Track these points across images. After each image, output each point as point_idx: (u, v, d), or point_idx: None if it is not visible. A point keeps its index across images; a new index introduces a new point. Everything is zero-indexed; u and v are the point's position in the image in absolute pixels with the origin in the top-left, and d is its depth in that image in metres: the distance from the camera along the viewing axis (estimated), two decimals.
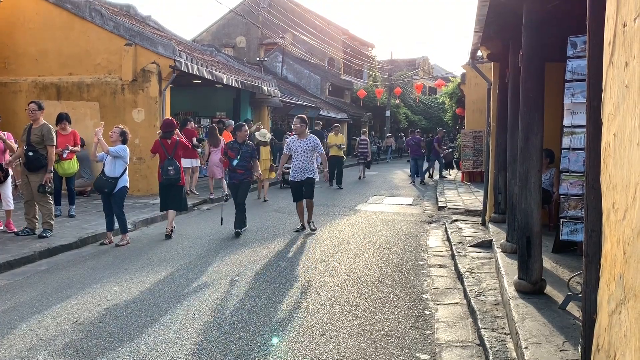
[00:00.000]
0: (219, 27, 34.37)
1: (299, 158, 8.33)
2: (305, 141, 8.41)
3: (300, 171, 8.34)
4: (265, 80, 17.72)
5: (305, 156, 8.31)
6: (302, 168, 8.32)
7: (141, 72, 11.72)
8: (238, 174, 8.24)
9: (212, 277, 5.81)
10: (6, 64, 12.38)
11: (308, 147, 8.36)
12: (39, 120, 7.45)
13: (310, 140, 8.45)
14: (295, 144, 8.42)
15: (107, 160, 7.36)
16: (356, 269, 6.24)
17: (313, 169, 8.41)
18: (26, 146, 7.33)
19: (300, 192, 8.43)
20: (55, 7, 12.12)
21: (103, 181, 7.31)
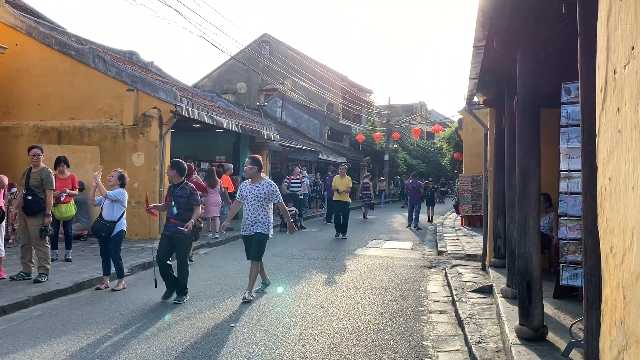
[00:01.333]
0: (220, 73, 35.06)
1: (249, 207, 6.93)
2: (257, 187, 6.97)
3: (249, 223, 6.91)
4: (264, 125, 17.93)
5: (256, 205, 6.90)
6: (251, 220, 6.89)
7: (142, 116, 11.87)
8: (171, 225, 6.68)
9: (209, 323, 5.72)
10: (8, 109, 12.55)
11: (260, 195, 6.91)
12: (38, 164, 7.48)
13: (264, 185, 6.98)
14: (247, 189, 7.04)
15: (105, 204, 7.33)
16: (355, 315, 6.14)
17: (265, 222, 6.93)
18: (25, 190, 7.34)
19: (249, 249, 7.01)
20: (59, 53, 12.39)
21: (101, 225, 7.26)
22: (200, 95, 18.05)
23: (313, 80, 29.00)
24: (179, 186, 6.73)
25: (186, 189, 6.71)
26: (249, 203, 6.92)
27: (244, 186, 7.09)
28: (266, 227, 6.93)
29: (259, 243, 6.91)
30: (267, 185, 6.99)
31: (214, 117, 13.58)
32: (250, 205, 6.91)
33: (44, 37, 12.52)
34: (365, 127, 34.84)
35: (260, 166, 7.04)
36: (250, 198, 6.91)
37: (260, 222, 6.89)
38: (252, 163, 7.02)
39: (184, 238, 6.62)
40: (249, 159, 7.08)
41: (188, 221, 6.52)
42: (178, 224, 6.55)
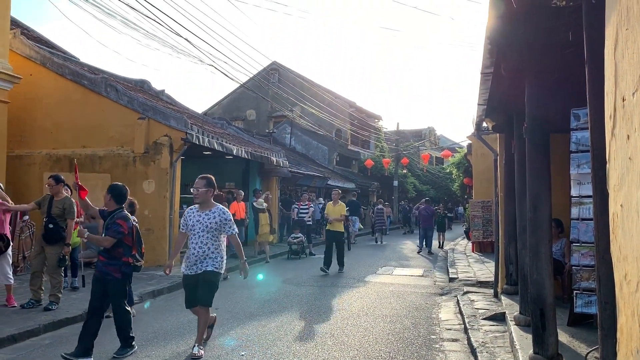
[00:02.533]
0: (230, 100, 35.47)
1: (196, 239, 5.50)
2: (207, 215, 5.54)
3: (195, 259, 5.48)
4: (274, 151, 18.04)
5: (204, 237, 5.48)
6: (198, 255, 5.46)
7: (153, 144, 11.99)
8: (100, 263, 5.48)
9: (218, 351, 5.67)
10: (21, 138, 12.73)
11: (210, 224, 5.50)
12: (60, 193, 7.50)
13: (216, 214, 5.56)
14: (193, 217, 5.60)
15: None
16: (366, 344, 6.07)
17: (216, 258, 5.53)
18: (47, 218, 7.33)
19: (194, 292, 5.48)
20: (72, 83, 12.62)
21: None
22: (210, 122, 18.25)
23: (321, 107, 29.25)
24: (111, 215, 5.47)
25: (114, 218, 5.41)
26: (196, 235, 5.48)
27: (189, 214, 5.61)
28: (218, 264, 5.51)
29: (209, 285, 5.45)
30: (219, 212, 5.55)
31: (223, 144, 13.70)
32: (198, 237, 5.46)
33: (58, 67, 12.78)
34: (374, 153, 34.93)
35: (214, 188, 5.66)
36: (198, 229, 5.48)
37: (211, 258, 5.48)
38: (207, 185, 5.53)
39: (114, 281, 5.36)
40: (201, 179, 5.53)
41: (118, 260, 5.36)
42: (107, 262, 5.37)
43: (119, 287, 5.45)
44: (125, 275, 5.48)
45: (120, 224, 5.37)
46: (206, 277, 5.44)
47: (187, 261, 5.54)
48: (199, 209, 5.62)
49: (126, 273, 5.48)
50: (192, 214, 5.61)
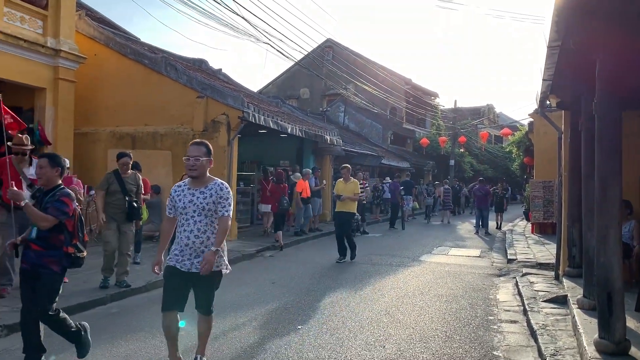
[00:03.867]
0: (284, 79, 35.61)
1: (188, 225, 4.08)
2: (202, 193, 4.10)
3: (189, 252, 4.06)
4: (327, 130, 18.04)
5: (201, 223, 4.07)
6: (193, 247, 4.05)
7: (211, 122, 12.25)
8: (30, 253, 4.25)
9: (275, 325, 5.80)
10: (87, 116, 13.27)
11: (208, 205, 4.07)
12: (128, 169, 7.54)
13: (213, 190, 4.11)
14: (184, 196, 4.14)
15: None
16: (422, 323, 6.05)
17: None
18: (127, 196, 7.29)
19: (178, 293, 4.11)
20: (134, 62, 13.00)
21: None
22: (265, 101, 18.42)
23: (376, 84, 28.89)
24: (50, 193, 4.33)
25: (56, 195, 4.28)
26: (189, 220, 4.06)
27: (178, 193, 4.17)
28: (220, 259, 4.10)
29: (211, 289, 4.20)
30: (216, 188, 4.09)
31: (278, 122, 13.81)
32: (192, 223, 4.05)
33: (120, 47, 13.19)
34: (430, 131, 34.29)
35: (210, 153, 4.17)
36: (191, 211, 4.06)
37: (208, 248, 4.03)
38: (208, 153, 4.14)
39: (49, 275, 4.21)
40: (198, 146, 4.16)
41: (58, 249, 4.24)
42: (42, 253, 4.21)
43: (54, 284, 4.22)
44: (64, 271, 4.32)
45: (66, 202, 4.23)
46: (207, 279, 4.00)
47: (176, 253, 4.05)
48: (190, 185, 4.13)
49: (65, 268, 4.31)
50: (182, 193, 4.11)
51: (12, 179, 5.76)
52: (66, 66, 11.47)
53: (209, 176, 4.20)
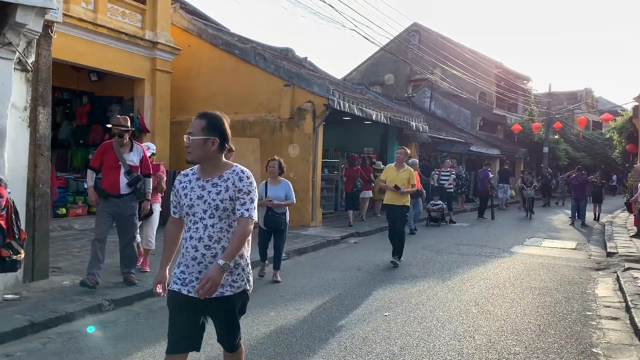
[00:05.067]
0: (368, 65, 35.35)
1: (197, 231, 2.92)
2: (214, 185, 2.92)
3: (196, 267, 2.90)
4: (413, 116, 17.73)
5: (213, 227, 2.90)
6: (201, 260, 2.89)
7: (297, 110, 12.44)
8: None
9: (362, 311, 5.83)
10: (181, 105, 13.92)
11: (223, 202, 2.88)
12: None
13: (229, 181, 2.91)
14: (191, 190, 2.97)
15: (273, 197, 7.09)
16: (514, 315, 5.83)
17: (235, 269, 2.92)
18: None
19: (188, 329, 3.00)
20: (225, 53, 13.44)
21: (276, 218, 7.13)
22: (350, 88, 18.40)
23: (464, 68, 27.96)
24: None
25: None
26: (197, 223, 2.91)
27: (183, 184, 3.01)
28: (241, 280, 2.96)
29: (233, 320, 3.06)
30: (234, 177, 2.92)
31: (363, 109, 13.76)
32: (201, 228, 2.90)
33: (212, 38, 13.67)
34: (522, 117, 32.70)
35: (225, 138, 2.93)
36: (200, 211, 2.91)
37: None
38: (209, 129, 2.89)
39: None
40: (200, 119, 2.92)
41: None
42: None
43: None
44: None
45: None
46: (225, 306, 2.91)
47: (182, 271, 2.92)
48: (199, 174, 2.95)
49: None
50: (189, 185, 2.95)
51: (111, 165, 6.12)
52: (163, 58, 12.08)
53: (225, 161, 2.95)
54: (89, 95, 12.71)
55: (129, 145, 6.34)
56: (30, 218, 5.98)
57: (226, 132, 2.93)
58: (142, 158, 6.35)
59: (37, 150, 6.12)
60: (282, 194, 7.15)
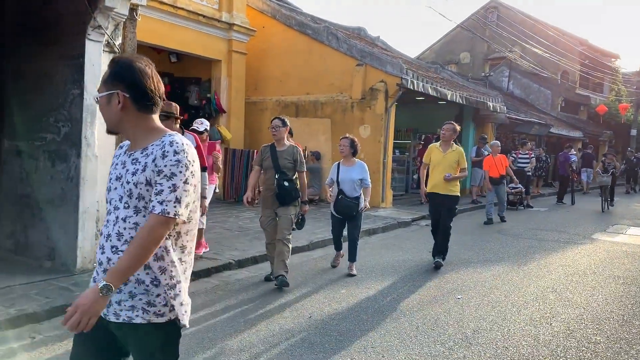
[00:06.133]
0: (443, 44, 34.37)
1: (107, 222, 2.05)
2: (134, 159, 2.00)
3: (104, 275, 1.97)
4: (490, 96, 17.11)
5: (123, 220, 1.98)
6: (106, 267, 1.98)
7: (369, 90, 12.34)
8: None
9: (434, 292, 5.78)
10: (256, 86, 14.20)
11: (135, 183, 1.96)
12: (282, 140, 5.88)
13: (153, 154, 1.95)
14: (114, 168, 2.09)
15: (345, 180, 6.46)
16: (594, 303, 5.58)
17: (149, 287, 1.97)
18: (277, 174, 5.76)
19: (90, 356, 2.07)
20: (298, 33, 13.52)
21: (347, 202, 6.40)
22: (423, 67, 18.00)
23: (546, 46, 26.58)
24: None
25: None
26: (111, 211, 2.05)
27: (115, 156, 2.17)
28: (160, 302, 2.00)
29: (143, 354, 2.08)
30: (158, 153, 1.95)
31: (438, 88, 13.44)
32: (113, 217, 2.02)
33: (286, 19, 13.78)
34: (608, 98, 30.73)
35: (143, 94, 2.00)
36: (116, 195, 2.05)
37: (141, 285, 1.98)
38: (114, 79, 2.00)
39: None
40: (107, 68, 2.06)
41: None
42: None
43: None
44: None
45: None
46: (136, 344, 2.06)
47: (94, 276, 2.09)
48: (129, 146, 2.13)
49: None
50: (117, 160, 2.14)
51: None
52: (238, 39, 12.35)
53: (158, 128, 2.07)
54: (169, 77, 13.23)
55: (178, 132, 5.78)
56: None
57: (140, 82, 1.98)
58: (196, 148, 5.23)
59: None
60: (355, 177, 6.39)
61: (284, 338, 4.25)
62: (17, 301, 4.57)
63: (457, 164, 7.01)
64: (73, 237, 5.55)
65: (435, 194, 7.05)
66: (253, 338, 4.22)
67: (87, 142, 5.60)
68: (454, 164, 6.98)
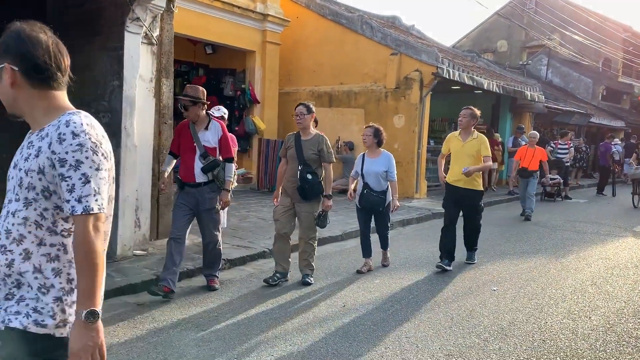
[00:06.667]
0: (479, 32, 33.68)
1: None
2: (31, 144, 1.70)
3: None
4: (528, 85, 16.72)
5: (14, 212, 1.67)
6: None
7: (404, 79, 12.22)
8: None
9: (469, 283, 5.73)
10: (289, 76, 14.22)
11: (27, 170, 1.67)
12: (308, 129, 5.43)
13: (49, 136, 1.63)
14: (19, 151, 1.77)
15: (369, 172, 6.05)
16: (636, 297, 5.43)
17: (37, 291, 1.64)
18: (301, 165, 5.30)
19: None
20: (332, 23, 13.46)
21: (372, 197, 5.98)
22: (459, 55, 17.70)
23: (587, 33, 25.74)
24: None
25: None
26: (5, 204, 1.73)
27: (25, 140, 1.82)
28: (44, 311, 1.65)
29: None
30: (55, 135, 1.62)
31: (474, 77, 13.22)
32: (5, 212, 1.72)
33: (319, 9, 13.73)
34: None
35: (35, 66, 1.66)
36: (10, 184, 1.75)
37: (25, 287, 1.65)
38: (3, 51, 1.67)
39: None
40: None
41: None
42: None
43: None
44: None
45: None
46: (8, 349, 1.63)
47: None
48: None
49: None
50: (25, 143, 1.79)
51: (186, 147, 5.03)
52: (272, 30, 12.38)
53: (58, 105, 1.74)
54: (205, 68, 13.39)
55: (205, 121, 5.09)
56: (155, 181, 6.51)
57: (29, 52, 1.65)
58: (222, 137, 5.09)
59: (161, 119, 6.61)
60: (380, 169, 5.97)
61: (319, 326, 4.29)
62: None
63: (478, 154, 6.21)
64: (114, 225, 5.64)
65: (456, 187, 6.27)
66: (288, 326, 4.28)
67: (127, 132, 5.73)
68: (475, 153, 6.20)
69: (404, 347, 3.90)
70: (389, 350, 3.84)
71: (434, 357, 3.75)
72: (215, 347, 3.80)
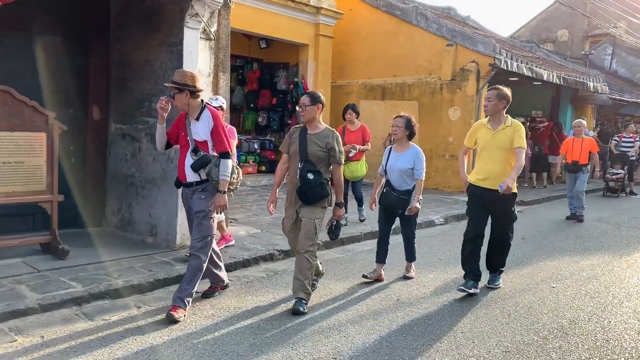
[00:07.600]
0: (539, 21, 32.47)
1: None
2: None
3: None
4: (590, 76, 16.00)
5: None
6: None
7: (460, 71, 11.96)
8: None
9: (526, 280, 5.58)
10: (342, 69, 14.20)
11: None
12: (313, 122, 4.50)
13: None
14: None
15: (393, 170, 5.32)
16: None
17: None
18: (301, 162, 4.42)
19: None
20: (385, 14, 13.32)
21: (394, 197, 5.26)
22: (517, 46, 17.16)
23: None
24: None
25: None
26: None
27: None
28: None
29: None
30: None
31: (533, 68, 12.77)
32: None
33: (373, 0, 13.62)
34: None
35: None
36: None
37: None
38: None
39: None
40: None
41: None
42: None
43: None
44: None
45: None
46: None
47: None
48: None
49: None
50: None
51: (182, 142, 4.38)
52: (326, 23, 12.40)
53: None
54: (259, 62, 13.57)
55: (196, 110, 4.29)
56: None
57: None
58: (213, 128, 4.25)
59: None
60: (405, 165, 5.21)
61: (372, 319, 4.29)
62: (124, 273, 4.95)
63: (510, 145, 4.94)
64: (173, 215, 5.89)
65: (483, 189, 5.00)
66: (342, 318, 4.30)
67: None
68: (508, 145, 4.93)
69: (459, 342, 3.85)
70: (444, 345, 3.81)
71: (491, 353, 3.68)
72: (271, 336, 3.87)
